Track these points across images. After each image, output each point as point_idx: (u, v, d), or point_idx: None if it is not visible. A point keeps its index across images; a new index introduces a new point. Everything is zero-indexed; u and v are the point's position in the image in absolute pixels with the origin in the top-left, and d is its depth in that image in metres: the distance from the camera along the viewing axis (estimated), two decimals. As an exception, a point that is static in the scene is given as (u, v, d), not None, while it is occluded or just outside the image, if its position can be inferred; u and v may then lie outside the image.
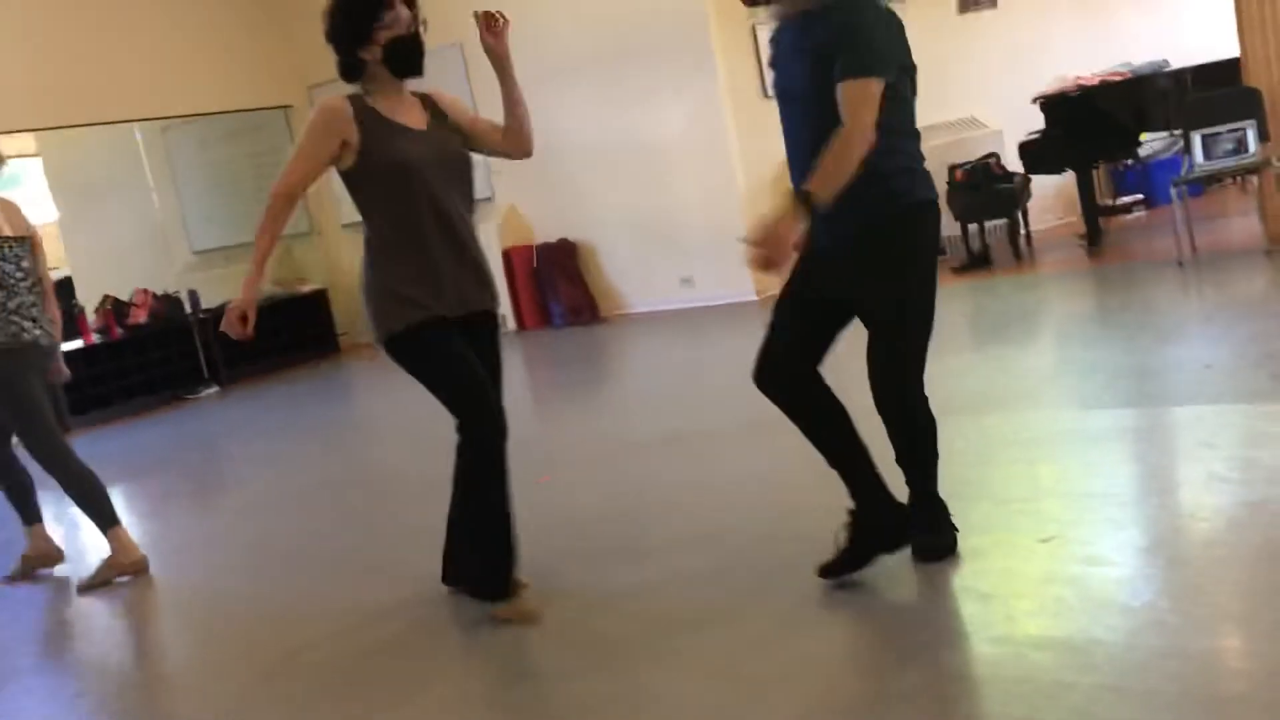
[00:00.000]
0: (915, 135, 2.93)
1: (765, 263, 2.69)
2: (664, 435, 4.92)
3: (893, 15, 2.84)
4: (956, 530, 3.02)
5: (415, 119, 3.18)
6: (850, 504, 2.97)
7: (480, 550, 3.19)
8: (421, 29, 3.14)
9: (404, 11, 3.10)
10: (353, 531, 4.53)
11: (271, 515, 5.06)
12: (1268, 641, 2.39)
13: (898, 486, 2.99)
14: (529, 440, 3.25)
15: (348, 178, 3.15)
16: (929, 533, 2.98)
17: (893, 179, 2.83)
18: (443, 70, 8.90)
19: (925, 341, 2.92)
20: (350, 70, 3.17)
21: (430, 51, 3.20)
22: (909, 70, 2.87)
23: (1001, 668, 2.50)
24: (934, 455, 2.99)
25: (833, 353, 2.98)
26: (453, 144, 3.21)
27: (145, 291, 9.34)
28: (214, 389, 9.12)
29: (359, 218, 3.19)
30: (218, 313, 9.36)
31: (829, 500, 3.06)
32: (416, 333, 3.11)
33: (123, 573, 4.29)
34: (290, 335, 9.68)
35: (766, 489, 3.94)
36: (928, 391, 2.94)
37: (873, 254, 2.86)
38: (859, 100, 2.71)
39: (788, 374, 2.94)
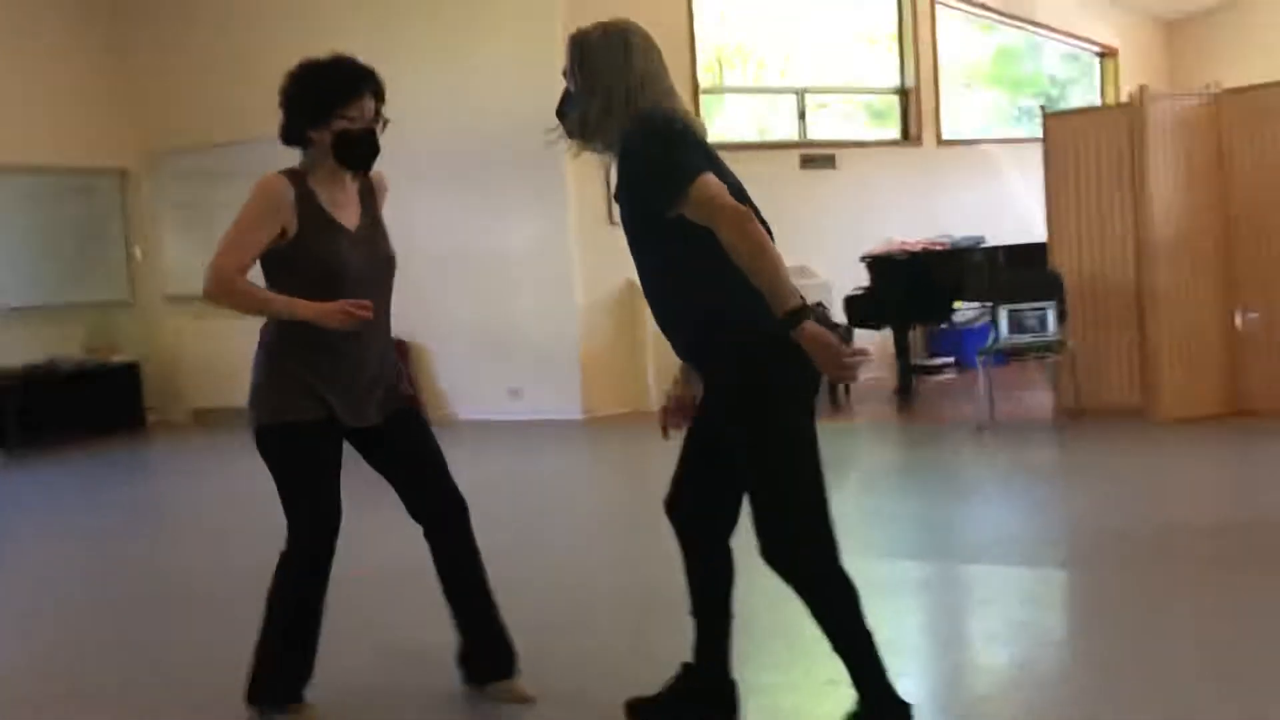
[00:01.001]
0: None
1: (845, 375, 2.53)
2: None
3: (686, 131, 2.64)
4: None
5: (351, 214, 3.02)
6: (689, 658, 2.90)
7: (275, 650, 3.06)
8: (379, 127, 2.98)
9: (369, 105, 2.93)
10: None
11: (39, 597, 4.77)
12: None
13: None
14: (346, 532, 3.18)
15: (268, 260, 2.97)
16: None
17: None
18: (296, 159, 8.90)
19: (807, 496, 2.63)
20: (291, 139, 2.99)
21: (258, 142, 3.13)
22: (734, 189, 2.61)
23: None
24: (857, 646, 2.68)
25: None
26: (383, 247, 3.07)
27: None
28: None
29: (182, 289, 3.11)
30: (20, 375, 8.95)
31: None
32: (288, 430, 2.97)
33: None
34: (95, 408, 9.21)
35: (558, 635, 3.94)
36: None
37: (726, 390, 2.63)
38: (703, 200, 2.48)
39: (682, 506, 2.85)
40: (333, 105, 2.90)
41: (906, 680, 3.17)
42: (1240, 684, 2.93)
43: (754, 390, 2.59)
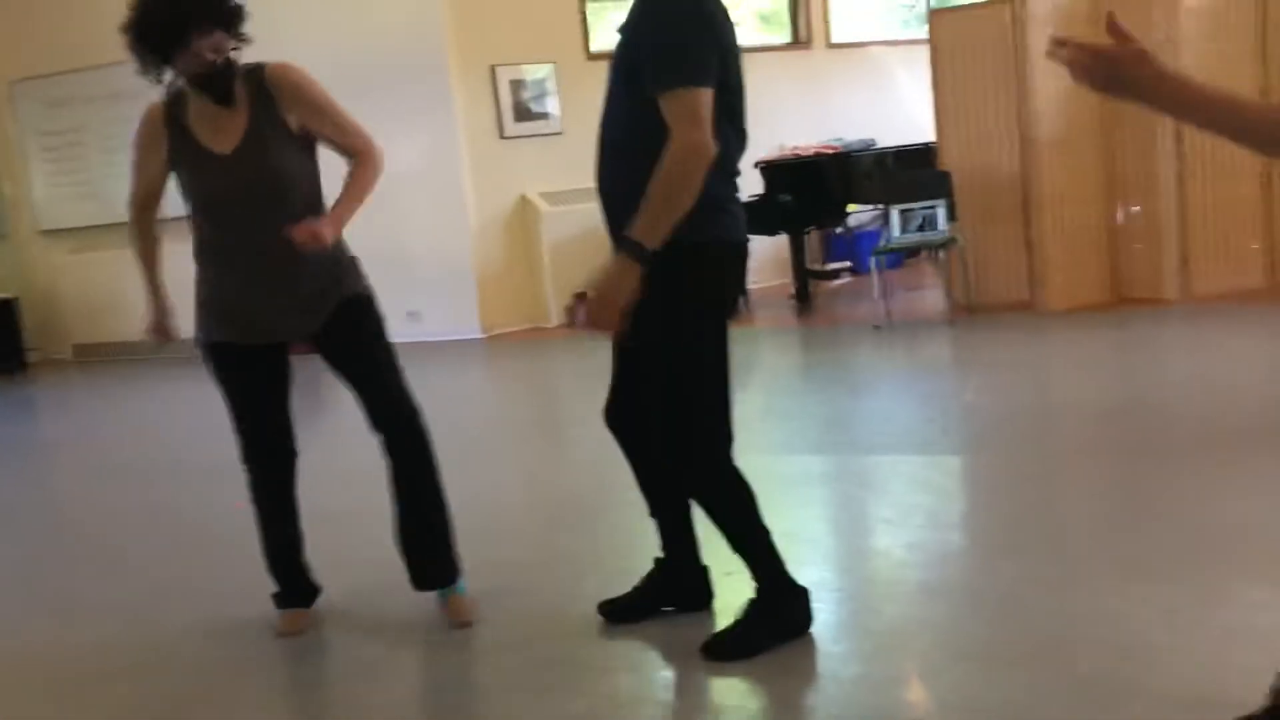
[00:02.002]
0: (730, 172, 2.57)
1: (598, 326, 2.50)
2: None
3: (713, 18, 2.50)
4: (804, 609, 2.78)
5: (229, 136, 2.87)
6: (659, 552, 2.94)
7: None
8: (235, 51, 2.84)
9: (209, 43, 2.76)
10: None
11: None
12: (915, 666, 2.61)
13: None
14: (234, 463, 3.11)
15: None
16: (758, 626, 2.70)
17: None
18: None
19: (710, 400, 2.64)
20: (153, 80, 2.87)
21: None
22: (733, 92, 2.52)
23: (670, 691, 2.62)
24: (753, 541, 2.74)
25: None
26: (268, 164, 2.86)
27: None
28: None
29: (57, 223, 3.01)
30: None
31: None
32: (207, 352, 3.04)
33: None
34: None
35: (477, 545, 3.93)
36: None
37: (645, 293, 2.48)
38: (682, 114, 2.39)
39: (619, 413, 2.84)
40: (167, 54, 2.79)
41: (807, 568, 3.24)
42: (1127, 561, 3.04)
43: (685, 292, 2.53)
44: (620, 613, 2.94)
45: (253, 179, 2.87)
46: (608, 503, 3.96)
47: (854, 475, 4.20)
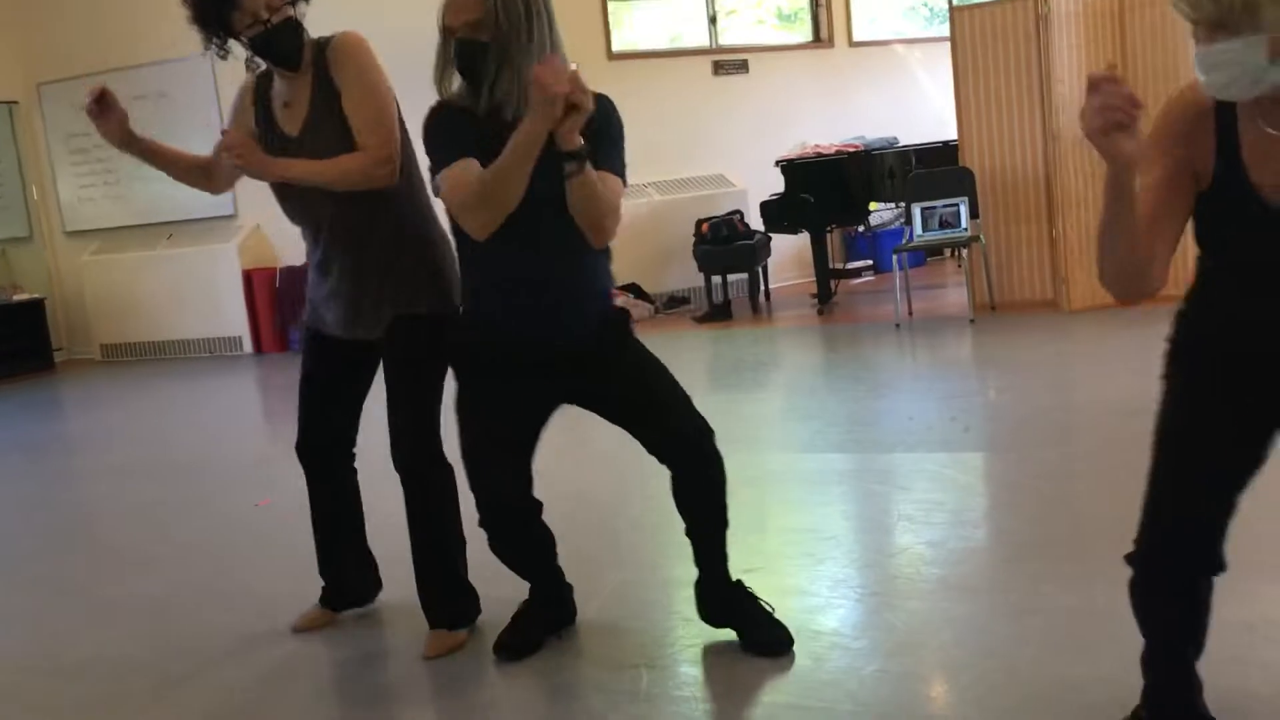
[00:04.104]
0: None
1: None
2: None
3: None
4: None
5: (297, 116, 2.81)
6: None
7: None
8: (294, 9, 2.75)
9: (259, 2, 2.69)
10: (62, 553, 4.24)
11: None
12: (934, 662, 2.61)
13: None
14: (257, 463, 3.14)
15: None
16: None
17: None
18: (190, 83, 8.62)
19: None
20: (224, 55, 2.81)
21: (181, 61, 2.98)
22: None
23: (699, 687, 2.62)
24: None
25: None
26: (320, 152, 2.74)
27: None
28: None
29: (83, 224, 3.00)
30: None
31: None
32: (303, 332, 3.07)
33: None
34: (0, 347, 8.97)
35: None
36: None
37: None
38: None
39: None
40: (222, 14, 2.72)
41: (829, 564, 3.26)
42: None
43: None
44: (517, 648, 2.82)
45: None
46: (625, 499, 3.97)
47: (876, 473, 4.19)
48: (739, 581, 2.80)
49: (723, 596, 2.78)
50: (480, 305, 2.66)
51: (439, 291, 2.86)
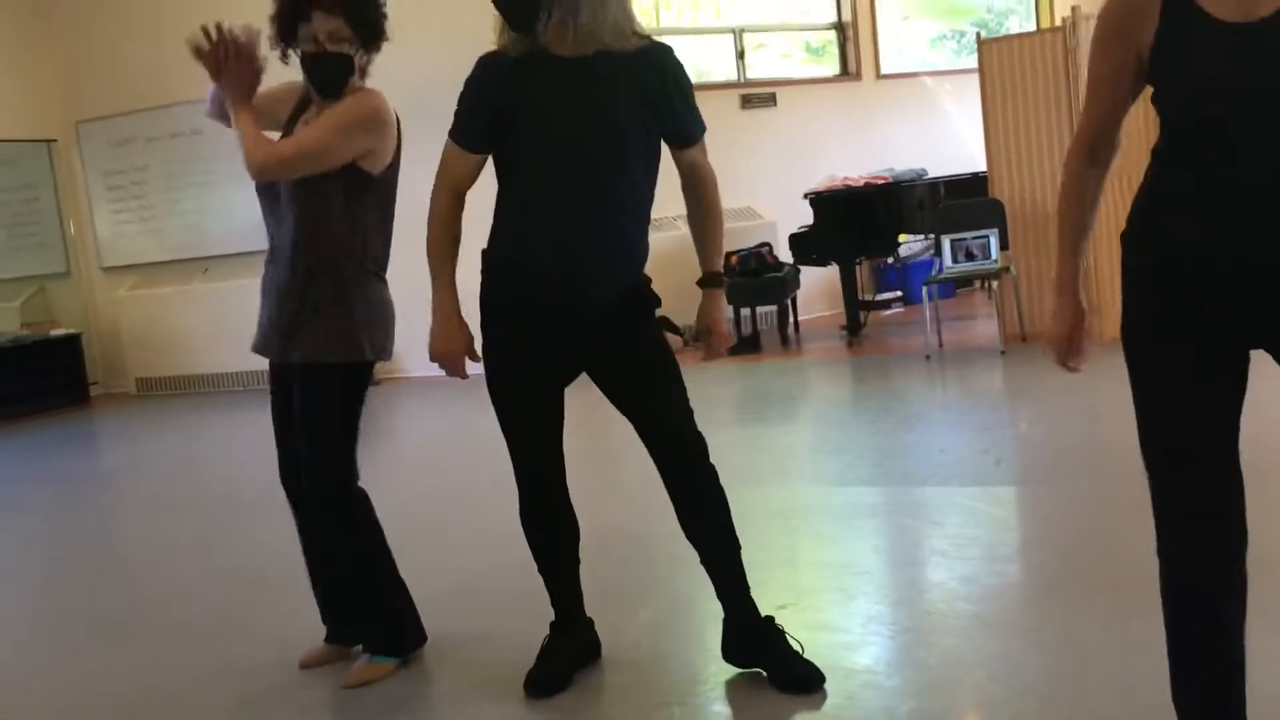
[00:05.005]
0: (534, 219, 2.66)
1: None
2: (433, 496, 4.87)
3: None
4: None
5: None
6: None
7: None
8: (356, 54, 2.83)
9: (323, 25, 2.77)
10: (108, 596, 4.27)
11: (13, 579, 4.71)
12: (969, 700, 2.58)
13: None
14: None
15: None
16: None
17: None
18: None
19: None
20: (277, 45, 2.89)
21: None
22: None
23: (728, 727, 2.60)
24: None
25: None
26: (320, 175, 2.86)
27: None
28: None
29: (119, 259, 3.04)
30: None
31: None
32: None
33: None
34: (37, 382, 9.06)
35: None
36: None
37: None
38: (704, 151, 2.76)
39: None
40: (293, 21, 2.81)
41: (861, 600, 3.23)
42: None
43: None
44: (548, 685, 2.79)
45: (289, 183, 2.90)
46: (657, 532, 3.96)
47: (908, 507, 4.17)
48: (769, 618, 2.78)
49: (746, 632, 2.76)
50: (511, 255, 2.67)
51: (355, 346, 2.89)
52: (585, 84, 2.55)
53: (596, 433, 3.94)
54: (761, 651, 2.74)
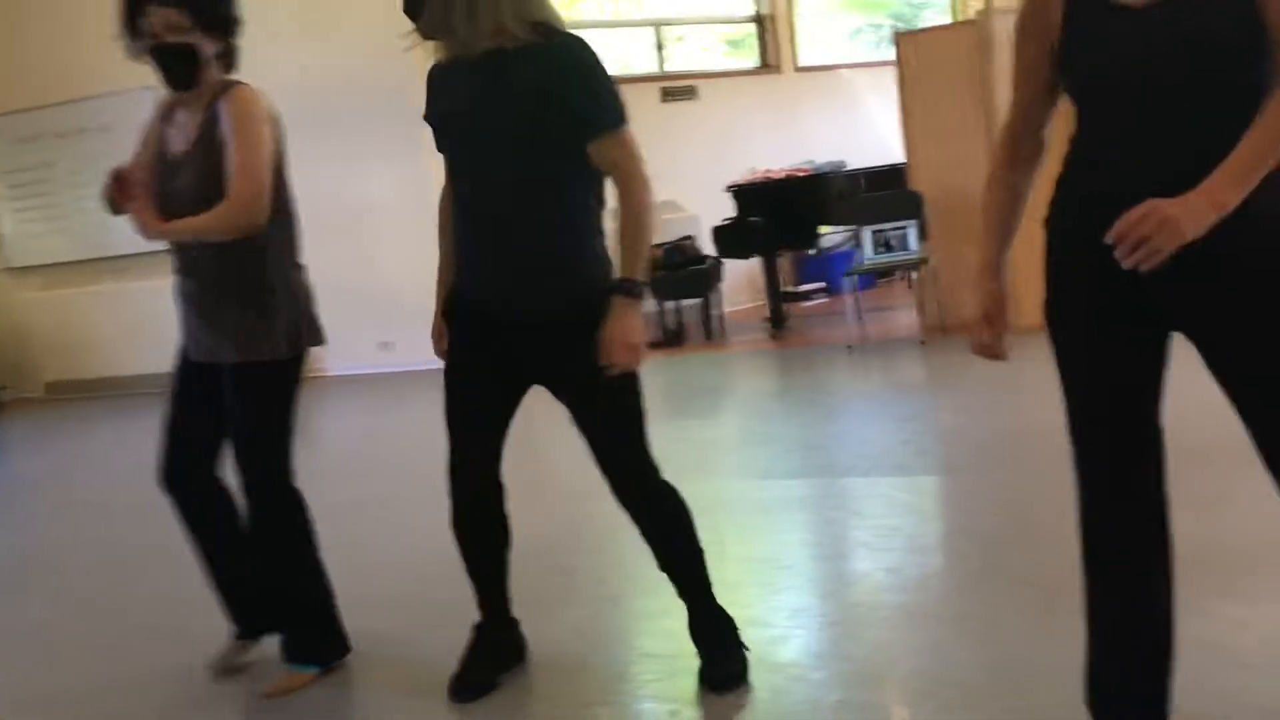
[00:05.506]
0: None
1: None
2: (354, 500, 4.79)
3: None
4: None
5: (180, 137, 2.86)
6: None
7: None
8: (195, 38, 2.74)
9: (160, 17, 2.70)
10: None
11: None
12: (895, 692, 2.60)
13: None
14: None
15: None
16: None
17: None
18: (134, 117, 8.49)
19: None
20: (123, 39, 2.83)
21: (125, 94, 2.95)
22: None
23: (657, 726, 2.58)
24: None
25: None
26: (200, 175, 2.82)
27: None
28: None
29: (27, 260, 2.94)
30: None
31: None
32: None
33: None
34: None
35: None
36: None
37: None
38: (632, 147, 2.58)
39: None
40: (132, 16, 2.75)
41: (788, 593, 3.24)
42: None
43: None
44: (473, 688, 2.76)
45: (189, 185, 2.83)
46: (583, 531, 3.94)
47: (832, 499, 4.20)
48: (724, 614, 2.75)
49: (700, 626, 2.75)
50: (462, 259, 2.68)
51: (286, 340, 2.89)
52: (479, 88, 2.49)
53: (526, 434, 3.90)
54: (700, 642, 2.73)
